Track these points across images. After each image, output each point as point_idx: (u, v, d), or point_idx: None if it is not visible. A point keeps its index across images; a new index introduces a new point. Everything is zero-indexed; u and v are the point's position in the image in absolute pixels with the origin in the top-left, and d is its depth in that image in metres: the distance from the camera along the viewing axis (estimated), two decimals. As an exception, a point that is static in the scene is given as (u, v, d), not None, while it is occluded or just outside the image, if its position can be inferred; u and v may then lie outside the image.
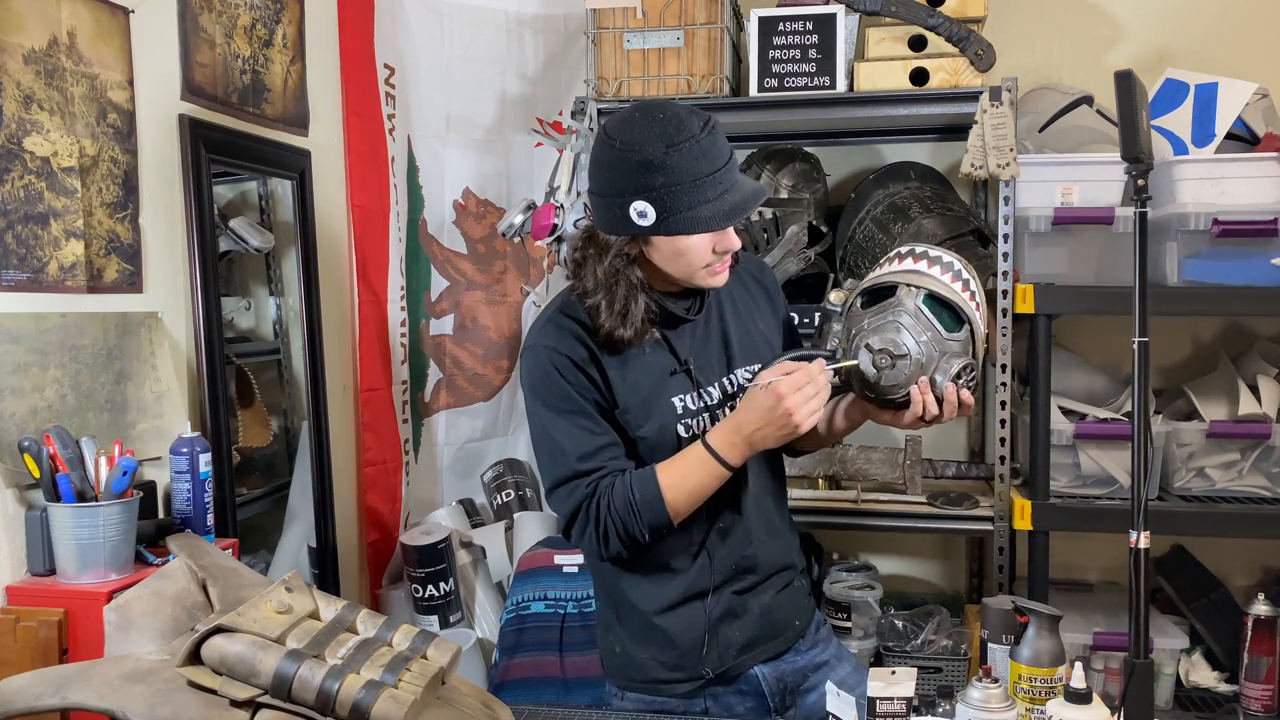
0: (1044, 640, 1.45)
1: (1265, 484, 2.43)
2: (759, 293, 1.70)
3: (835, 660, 1.71)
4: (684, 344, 1.58)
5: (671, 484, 1.49)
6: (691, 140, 1.40)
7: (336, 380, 2.65)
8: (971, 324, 1.50)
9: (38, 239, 1.75)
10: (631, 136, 1.42)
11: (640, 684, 1.64)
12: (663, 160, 1.39)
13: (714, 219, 1.43)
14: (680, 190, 1.41)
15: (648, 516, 1.49)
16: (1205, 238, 2.34)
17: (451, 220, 3.03)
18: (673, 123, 1.41)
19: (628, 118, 1.45)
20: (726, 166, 1.44)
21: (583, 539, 1.53)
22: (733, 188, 1.44)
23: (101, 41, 1.90)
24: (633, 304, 1.49)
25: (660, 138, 1.40)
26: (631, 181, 1.42)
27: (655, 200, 1.41)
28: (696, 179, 1.41)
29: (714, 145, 1.42)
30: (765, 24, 2.53)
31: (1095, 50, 2.83)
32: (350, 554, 2.71)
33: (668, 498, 1.49)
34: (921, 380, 1.47)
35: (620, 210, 1.44)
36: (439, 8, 2.91)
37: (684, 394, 1.57)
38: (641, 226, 1.44)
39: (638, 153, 1.41)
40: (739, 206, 1.44)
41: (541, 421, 1.55)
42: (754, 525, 1.61)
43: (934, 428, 1.58)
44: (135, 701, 1.14)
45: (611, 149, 1.44)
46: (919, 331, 1.47)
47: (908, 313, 1.48)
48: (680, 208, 1.42)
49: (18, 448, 1.65)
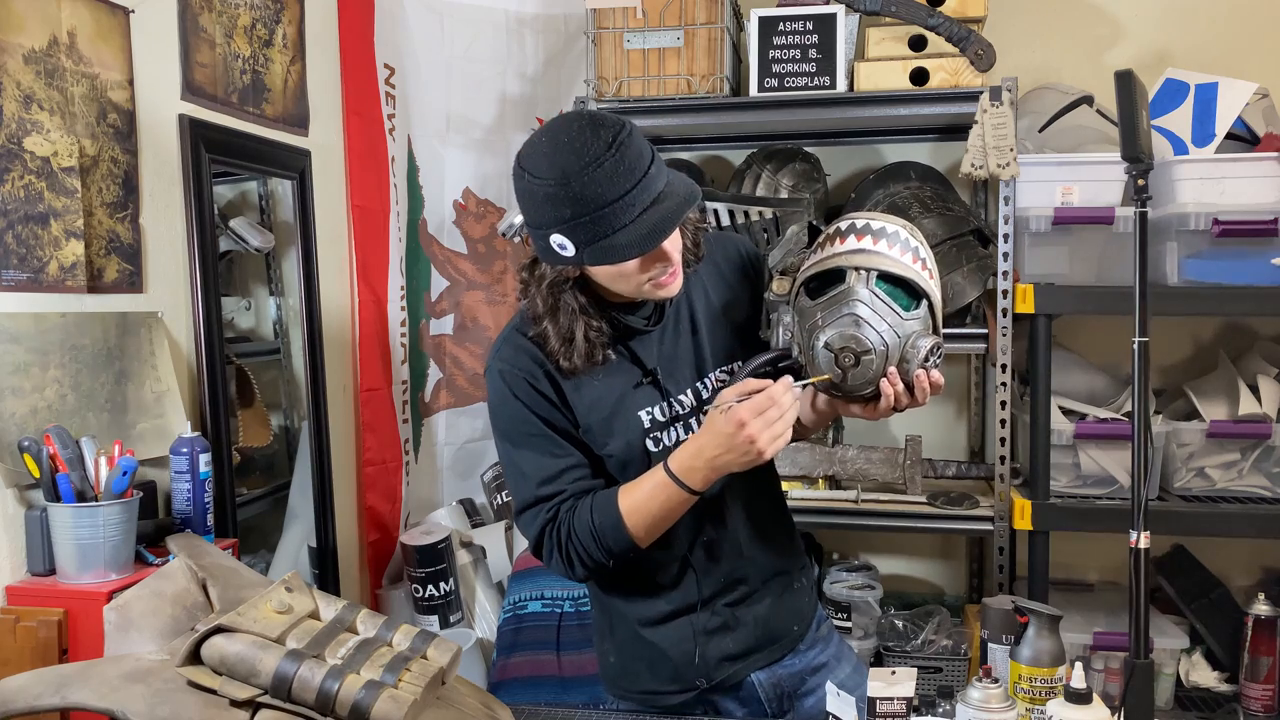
0: (1044, 640, 1.45)
1: (1265, 484, 2.43)
2: (735, 278, 1.59)
3: (835, 661, 1.67)
4: (650, 352, 1.50)
5: (632, 509, 1.42)
6: (594, 164, 1.27)
7: (336, 380, 2.65)
8: (929, 296, 1.41)
9: (38, 239, 1.75)
10: (536, 166, 1.31)
11: (635, 694, 1.62)
12: (564, 193, 1.28)
13: (631, 245, 1.30)
14: (591, 220, 1.29)
15: (610, 542, 1.43)
16: (1205, 238, 2.34)
17: (451, 220, 3.03)
18: (573, 147, 1.28)
19: (534, 142, 1.33)
20: (642, 183, 1.29)
21: (550, 563, 1.48)
22: (653, 204, 1.31)
23: (101, 41, 1.90)
24: (576, 330, 1.42)
25: (560, 166, 1.28)
26: (545, 215, 1.32)
27: (569, 233, 1.31)
28: (606, 205, 1.28)
29: (623, 164, 1.28)
30: (765, 24, 2.53)
31: (1095, 50, 2.83)
32: (350, 554, 2.71)
33: (629, 523, 1.42)
34: (890, 371, 1.39)
35: (544, 241, 1.35)
36: (439, 8, 2.91)
37: (651, 406, 1.50)
38: (566, 257, 1.34)
39: (541, 184, 1.29)
40: (659, 225, 1.31)
41: (502, 447, 1.51)
42: (742, 536, 1.57)
43: (934, 427, 1.56)
44: (135, 701, 1.14)
45: (521, 180, 1.33)
46: (878, 320, 1.37)
47: (862, 301, 1.37)
48: (595, 237, 1.30)
49: (18, 448, 1.65)
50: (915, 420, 2.57)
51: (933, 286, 1.42)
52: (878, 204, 2.70)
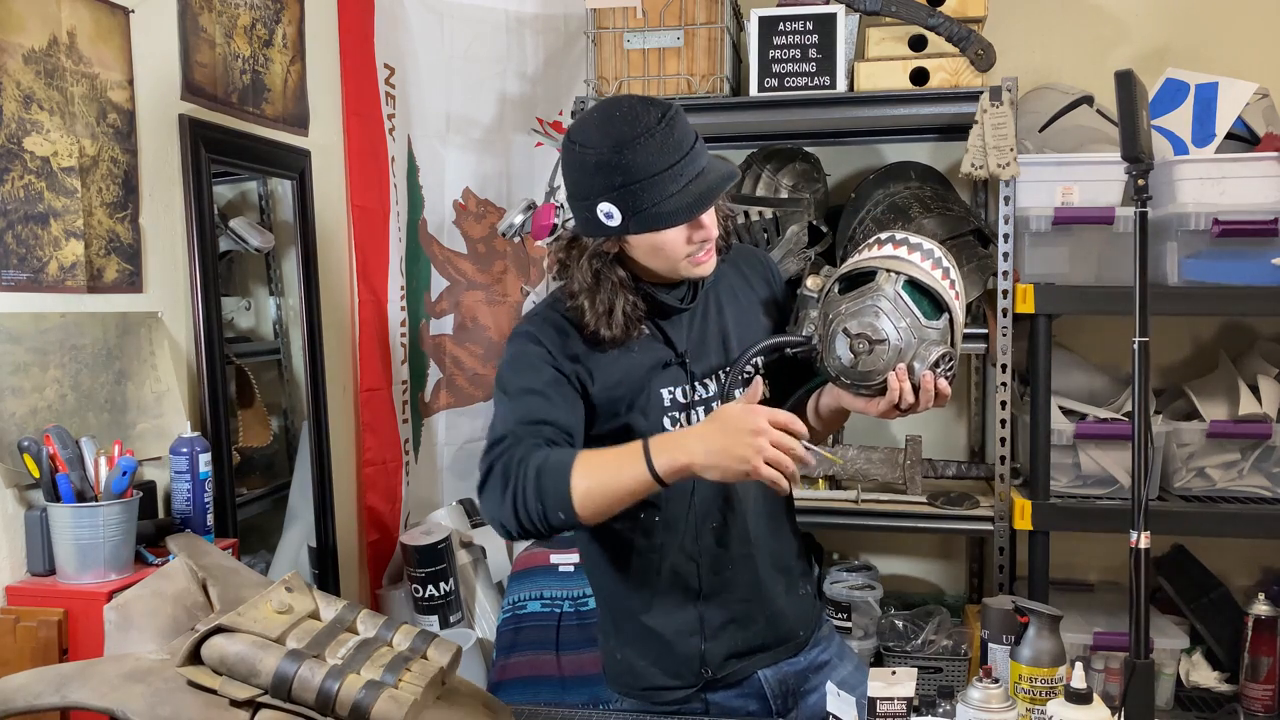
0: (1044, 640, 1.45)
1: (1265, 484, 2.43)
2: (761, 286, 1.66)
3: (837, 659, 1.69)
4: (680, 335, 1.55)
5: (587, 464, 1.34)
6: (646, 135, 1.36)
7: (336, 380, 2.65)
8: (951, 312, 1.46)
9: (38, 239, 1.75)
10: (587, 138, 1.39)
11: (640, 691, 1.63)
12: (617, 160, 1.36)
13: (679, 212, 1.39)
14: (640, 188, 1.37)
15: (547, 484, 1.34)
16: (1205, 238, 2.34)
17: (451, 220, 3.03)
18: (627, 119, 1.38)
19: (586, 118, 1.43)
20: (689, 156, 1.39)
21: (488, 498, 1.40)
22: (698, 176, 1.40)
23: (101, 41, 1.90)
24: (616, 303, 1.46)
25: (614, 136, 1.37)
26: (593, 183, 1.39)
27: (618, 200, 1.38)
28: (656, 174, 1.37)
29: (671, 136, 1.38)
30: (765, 24, 2.53)
31: (1095, 50, 2.83)
32: (350, 554, 2.71)
33: (575, 474, 1.33)
34: (899, 367, 1.42)
35: (589, 212, 1.42)
36: (439, 8, 2.91)
37: (675, 386, 1.53)
38: (611, 227, 1.41)
39: (594, 153, 1.38)
40: (704, 195, 1.40)
41: (501, 401, 1.49)
42: (751, 523, 1.58)
43: (934, 427, 1.56)
44: (135, 701, 1.14)
45: (572, 152, 1.41)
46: (898, 318, 1.43)
47: (887, 298, 1.44)
48: (644, 205, 1.38)
49: (18, 448, 1.65)
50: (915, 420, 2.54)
51: (956, 306, 1.47)
52: (878, 204, 2.69)
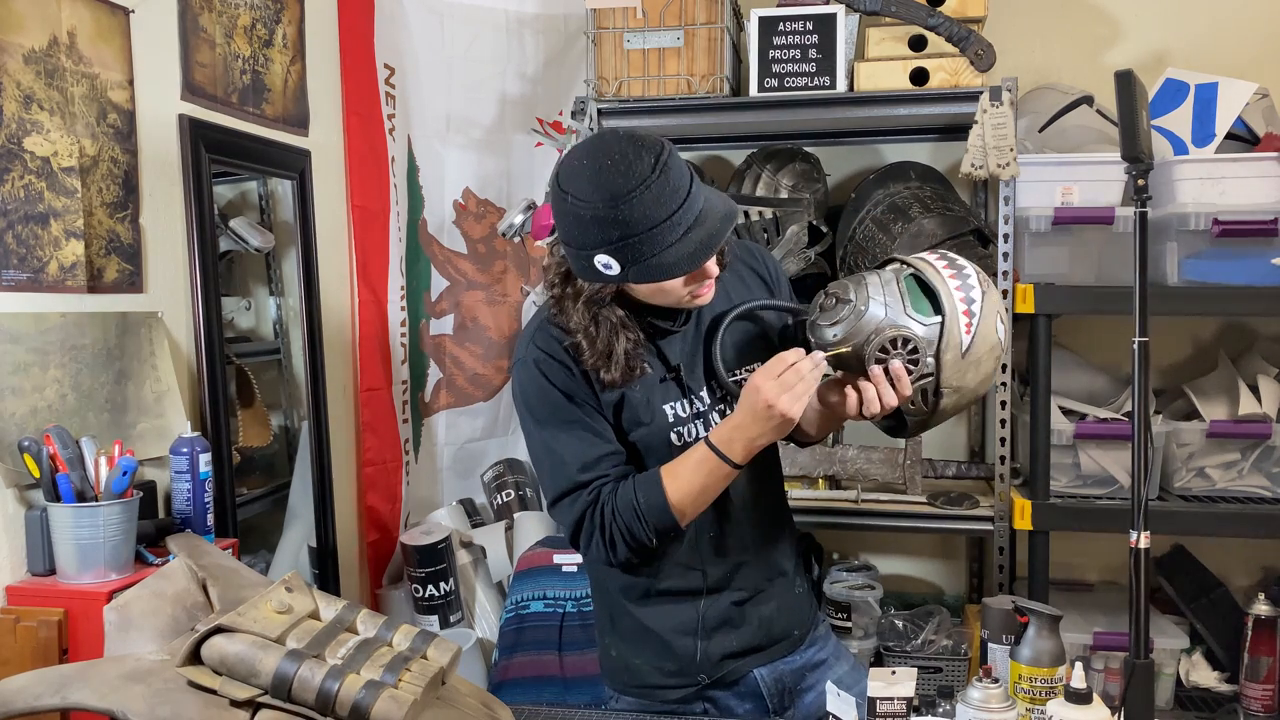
0: (1044, 640, 1.45)
1: (1265, 484, 2.43)
2: (756, 284, 1.63)
3: (833, 659, 1.69)
4: (674, 350, 1.55)
5: (676, 485, 1.45)
6: (641, 187, 1.29)
7: (336, 380, 2.65)
8: (945, 318, 1.41)
9: (38, 239, 1.75)
10: (580, 190, 1.33)
11: (636, 689, 1.63)
12: (614, 215, 1.30)
13: (680, 262, 1.34)
14: (640, 240, 1.32)
15: (653, 519, 1.45)
16: (1205, 238, 2.34)
17: (451, 220, 3.03)
18: (619, 169, 1.30)
19: (576, 168, 1.35)
20: (686, 202, 1.33)
21: (590, 548, 1.50)
22: (697, 222, 1.34)
23: (101, 41, 1.90)
24: (615, 345, 1.44)
25: (608, 189, 1.30)
26: (589, 236, 1.34)
27: (616, 254, 1.34)
28: (654, 226, 1.31)
29: (668, 185, 1.31)
30: (765, 24, 2.53)
31: (1095, 50, 2.83)
32: (350, 554, 2.71)
33: (673, 500, 1.45)
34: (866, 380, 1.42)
35: (587, 261, 1.37)
36: (439, 8, 2.91)
37: (675, 401, 1.54)
38: (610, 275, 1.37)
39: (588, 207, 1.31)
40: (706, 244, 1.35)
41: (539, 436, 1.51)
42: (747, 531, 1.59)
43: (935, 428, 1.56)
44: (135, 701, 1.14)
45: (564, 202, 1.35)
46: (878, 293, 1.42)
47: (880, 277, 1.45)
48: (644, 256, 1.33)
49: (18, 448, 1.65)
50: (915, 420, 2.57)
51: (958, 322, 1.42)
52: (878, 204, 2.69)
